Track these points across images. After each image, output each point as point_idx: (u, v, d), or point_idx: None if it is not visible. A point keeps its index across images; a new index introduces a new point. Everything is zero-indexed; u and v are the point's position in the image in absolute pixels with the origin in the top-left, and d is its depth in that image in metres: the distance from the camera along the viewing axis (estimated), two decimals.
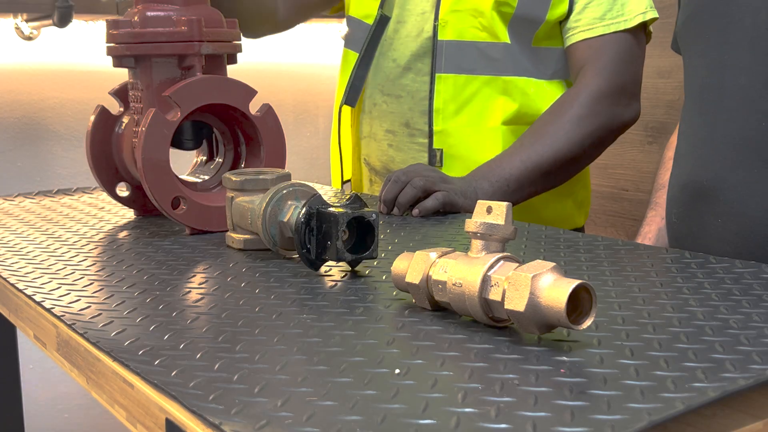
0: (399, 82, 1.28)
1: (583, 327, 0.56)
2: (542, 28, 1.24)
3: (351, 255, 0.77)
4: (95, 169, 1.09)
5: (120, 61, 1.00)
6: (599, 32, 1.22)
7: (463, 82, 1.24)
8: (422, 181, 1.09)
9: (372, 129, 1.32)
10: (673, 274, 0.77)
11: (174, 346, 0.59)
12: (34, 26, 2.07)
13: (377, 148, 1.32)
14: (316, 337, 0.60)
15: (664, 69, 1.84)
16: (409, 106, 1.26)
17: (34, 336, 0.74)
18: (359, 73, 1.32)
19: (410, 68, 1.26)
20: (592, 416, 0.46)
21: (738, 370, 0.52)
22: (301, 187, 0.84)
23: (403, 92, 1.27)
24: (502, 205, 0.62)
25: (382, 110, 1.30)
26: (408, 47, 1.27)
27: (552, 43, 1.27)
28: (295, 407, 0.48)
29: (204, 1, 1.02)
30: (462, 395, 0.49)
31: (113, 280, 0.78)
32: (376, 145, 1.32)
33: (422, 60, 1.26)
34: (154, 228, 1.04)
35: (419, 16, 1.26)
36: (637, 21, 1.22)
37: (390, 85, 1.29)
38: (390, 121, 1.28)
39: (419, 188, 1.08)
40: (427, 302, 0.66)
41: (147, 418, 0.53)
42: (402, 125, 1.27)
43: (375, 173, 1.35)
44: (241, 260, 0.86)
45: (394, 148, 1.31)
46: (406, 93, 1.27)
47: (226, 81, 1.00)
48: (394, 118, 1.28)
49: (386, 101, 1.29)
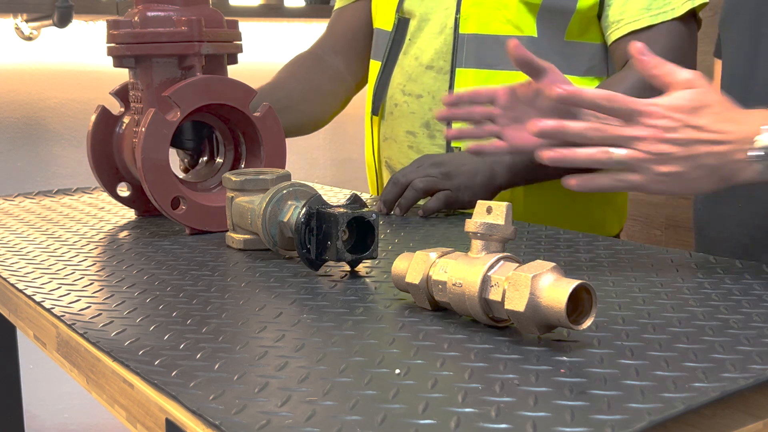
0: (420, 81, 1.24)
1: (583, 327, 0.56)
2: (574, 21, 1.18)
3: (351, 255, 0.77)
4: (96, 169, 1.09)
5: (120, 61, 1.00)
6: (646, 23, 1.14)
7: (485, 78, 1.19)
8: (422, 182, 1.08)
9: (393, 131, 1.29)
10: (673, 274, 0.77)
11: (174, 346, 0.59)
12: (34, 26, 2.07)
13: (398, 150, 1.29)
14: (316, 337, 0.60)
15: None
16: (429, 106, 1.23)
17: (34, 336, 0.74)
18: (382, 81, 1.29)
19: (432, 66, 1.23)
20: (592, 416, 0.46)
21: (738, 370, 0.52)
22: (301, 187, 0.84)
23: (423, 92, 1.24)
24: (502, 205, 0.62)
25: (402, 111, 1.27)
26: (431, 44, 1.23)
27: (587, 38, 1.21)
28: (295, 407, 0.48)
29: (204, 1, 1.02)
30: (462, 395, 0.49)
31: (113, 280, 0.78)
32: (397, 147, 1.29)
33: (444, 57, 1.22)
34: (154, 228, 1.04)
35: (443, 12, 1.23)
36: (686, 8, 1.15)
37: (411, 85, 1.26)
38: (410, 122, 1.26)
39: (419, 191, 1.07)
40: (427, 302, 0.66)
41: (147, 418, 0.53)
42: (422, 126, 1.25)
43: None
44: (241, 260, 0.86)
45: (414, 149, 1.27)
46: (427, 92, 1.24)
47: (226, 81, 1.00)
48: (415, 119, 1.26)
49: (407, 101, 1.26)
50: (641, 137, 0.73)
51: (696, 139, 0.73)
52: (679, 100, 0.73)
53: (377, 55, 1.32)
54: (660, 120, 0.73)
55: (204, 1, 1.02)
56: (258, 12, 2.34)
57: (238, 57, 1.07)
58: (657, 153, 0.73)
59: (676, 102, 0.73)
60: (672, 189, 0.75)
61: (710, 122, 0.73)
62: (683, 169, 0.73)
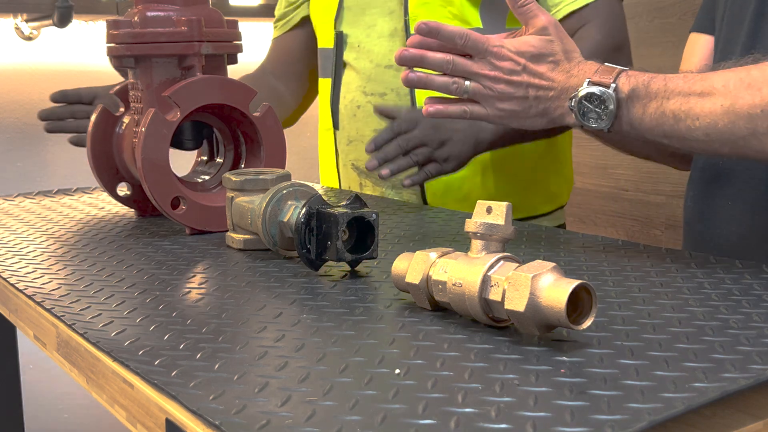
0: (381, 80, 1.27)
1: (583, 327, 0.56)
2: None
3: (351, 255, 0.77)
4: (96, 169, 1.09)
5: (120, 61, 1.00)
6: (584, 2, 1.21)
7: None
8: (426, 152, 1.12)
9: (358, 132, 1.31)
10: (673, 274, 0.77)
11: (174, 346, 0.59)
12: (34, 26, 2.07)
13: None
14: (316, 337, 0.60)
15: (664, 69, 1.84)
16: (394, 103, 1.26)
17: (34, 336, 0.74)
18: (335, 92, 1.34)
19: (391, 66, 1.26)
20: (592, 416, 0.46)
21: (738, 370, 0.52)
22: (301, 187, 0.84)
23: (387, 89, 1.27)
24: (502, 205, 0.62)
25: (366, 111, 1.29)
26: (385, 46, 1.27)
27: None
28: (295, 407, 0.48)
29: (204, 1, 1.02)
30: (462, 395, 0.49)
31: (113, 280, 0.78)
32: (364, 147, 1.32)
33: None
34: (154, 228, 1.04)
35: (388, 16, 1.27)
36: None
37: (372, 85, 1.28)
38: (377, 121, 1.28)
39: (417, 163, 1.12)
40: (427, 302, 0.66)
41: (147, 418, 0.53)
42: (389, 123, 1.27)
43: (366, 176, 1.34)
44: (241, 260, 0.86)
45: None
46: (390, 90, 1.27)
47: (226, 81, 1.00)
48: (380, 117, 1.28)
49: (370, 101, 1.29)
50: (487, 75, 0.84)
51: (531, 83, 0.83)
52: (526, 45, 0.84)
53: (325, 72, 1.37)
54: (505, 62, 0.84)
55: (204, 1, 1.02)
56: (258, 12, 2.34)
57: (238, 57, 1.07)
58: (498, 91, 0.84)
59: (523, 47, 0.84)
60: (510, 123, 0.86)
61: (547, 70, 0.83)
62: (518, 108, 0.84)
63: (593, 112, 0.80)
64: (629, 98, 0.80)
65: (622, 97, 0.80)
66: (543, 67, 0.83)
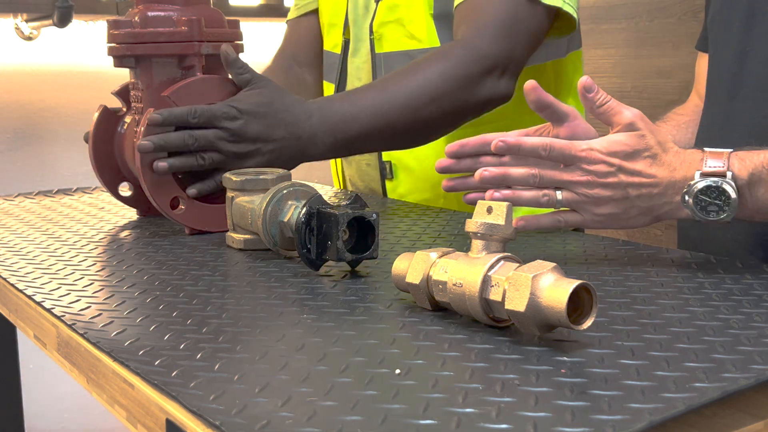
0: None
1: (583, 327, 0.56)
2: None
3: (351, 255, 0.77)
4: (98, 168, 1.09)
5: (121, 61, 1.00)
6: None
7: None
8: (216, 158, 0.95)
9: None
10: (673, 274, 0.77)
11: (174, 346, 0.59)
12: (34, 26, 2.07)
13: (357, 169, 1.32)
14: (316, 338, 0.60)
15: (664, 69, 1.84)
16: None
17: (34, 336, 0.74)
18: None
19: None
20: (593, 416, 0.46)
21: (739, 370, 0.52)
22: (301, 187, 0.84)
23: None
24: (502, 205, 0.62)
25: None
26: (364, 65, 1.26)
27: None
28: (295, 407, 0.48)
29: (205, 0, 1.02)
30: (463, 395, 0.49)
31: (113, 280, 0.78)
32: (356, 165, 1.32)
33: (369, 77, 1.25)
34: (154, 228, 1.04)
35: (365, 34, 1.26)
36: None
37: None
38: None
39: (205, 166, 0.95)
40: (427, 302, 0.66)
41: (147, 418, 0.53)
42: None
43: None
44: (241, 260, 0.86)
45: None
46: None
47: (226, 81, 1.00)
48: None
49: None
50: (579, 181, 0.78)
51: (630, 183, 0.77)
52: (617, 144, 0.78)
53: (329, 77, 1.35)
54: (597, 165, 0.77)
55: (204, 1, 1.02)
56: (258, 12, 2.34)
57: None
58: (593, 196, 0.78)
59: (613, 146, 0.78)
60: (610, 226, 0.81)
61: (645, 166, 0.77)
62: (618, 210, 0.79)
63: (713, 205, 0.75)
64: (750, 183, 0.75)
65: (743, 184, 0.75)
66: (640, 164, 0.77)
